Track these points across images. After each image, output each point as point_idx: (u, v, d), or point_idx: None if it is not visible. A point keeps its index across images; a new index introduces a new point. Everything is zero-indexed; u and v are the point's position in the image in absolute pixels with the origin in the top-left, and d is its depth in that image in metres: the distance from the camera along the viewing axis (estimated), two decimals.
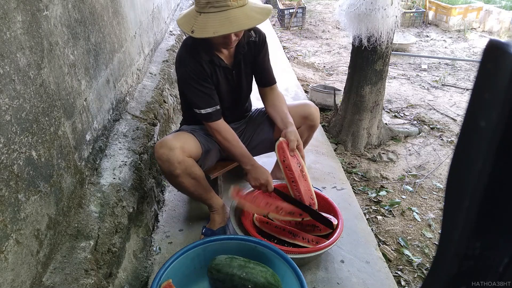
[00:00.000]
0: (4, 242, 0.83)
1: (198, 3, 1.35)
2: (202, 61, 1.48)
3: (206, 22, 1.32)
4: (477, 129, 0.30)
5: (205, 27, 1.32)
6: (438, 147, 2.81)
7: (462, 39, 5.67)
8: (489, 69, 0.29)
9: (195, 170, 1.51)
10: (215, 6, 1.31)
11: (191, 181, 1.51)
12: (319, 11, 7.39)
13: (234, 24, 1.31)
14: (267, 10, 1.42)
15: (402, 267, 1.75)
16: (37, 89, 1.00)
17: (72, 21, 1.27)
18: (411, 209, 2.14)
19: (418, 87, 4.02)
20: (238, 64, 1.59)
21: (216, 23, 1.31)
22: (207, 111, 1.51)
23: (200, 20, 1.34)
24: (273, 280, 1.27)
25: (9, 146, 0.86)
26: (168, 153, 1.43)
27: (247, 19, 1.33)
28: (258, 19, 1.36)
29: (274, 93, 1.71)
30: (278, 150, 1.54)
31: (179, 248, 1.39)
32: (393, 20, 2.31)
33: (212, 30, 1.31)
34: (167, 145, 1.44)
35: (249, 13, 1.35)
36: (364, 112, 2.66)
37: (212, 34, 1.31)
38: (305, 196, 1.54)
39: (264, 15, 1.39)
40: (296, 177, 1.53)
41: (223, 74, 1.57)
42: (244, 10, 1.34)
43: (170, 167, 1.45)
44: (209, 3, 1.31)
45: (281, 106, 1.66)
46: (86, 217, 1.20)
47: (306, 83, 3.89)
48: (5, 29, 0.86)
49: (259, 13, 1.38)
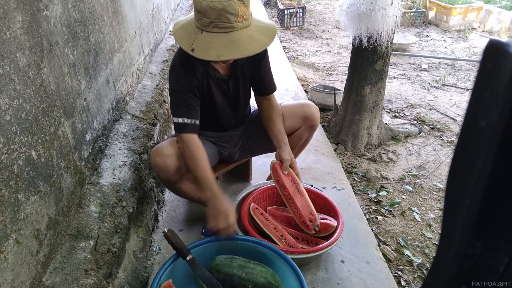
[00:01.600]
0: (4, 242, 0.83)
1: (200, 21, 1.25)
2: (196, 72, 1.42)
3: (209, 43, 1.24)
4: (477, 129, 0.30)
5: (207, 48, 1.24)
6: (438, 147, 2.81)
7: (462, 39, 5.66)
8: (489, 69, 0.29)
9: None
10: (219, 27, 1.23)
11: (189, 186, 1.50)
12: (319, 11, 7.38)
13: (239, 48, 1.24)
14: (272, 30, 1.34)
15: (402, 267, 1.75)
16: (37, 89, 1.00)
17: (72, 21, 1.27)
18: (411, 209, 2.14)
19: (418, 87, 4.02)
20: (236, 74, 1.53)
21: (219, 46, 1.23)
22: (184, 120, 1.41)
23: (201, 39, 1.25)
24: (273, 280, 1.26)
25: (9, 146, 0.86)
26: (164, 161, 1.40)
27: (252, 42, 1.26)
28: (263, 42, 1.29)
29: (271, 105, 1.65)
30: (272, 171, 1.60)
31: None
32: (393, 20, 2.31)
33: (216, 54, 1.23)
34: (163, 152, 1.41)
35: (254, 36, 1.28)
36: (364, 112, 2.66)
37: (215, 58, 1.24)
38: (304, 211, 1.54)
39: (269, 37, 1.31)
40: (291, 193, 1.55)
41: (218, 85, 1.51)
42: (249, 32, 1.27)
43: (167, 175, 1.43)
44: (212, 23, 1.23)
45: (276, 124, 1.62)
46: (86, 217, 1.20)
47: (306, 83, 3.89)
48: (5, 29, 0.86)
49: (264, 34, 1.31)
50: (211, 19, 1.22)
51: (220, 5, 1.19)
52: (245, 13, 1.25)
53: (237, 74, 1.53)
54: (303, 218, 1.53)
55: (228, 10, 1.20)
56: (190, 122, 1.42)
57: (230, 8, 1.20)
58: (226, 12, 1.21)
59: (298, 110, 1.72)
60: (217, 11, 1.20)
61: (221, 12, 1.20)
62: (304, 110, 1.71)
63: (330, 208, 1.67)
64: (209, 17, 1.22)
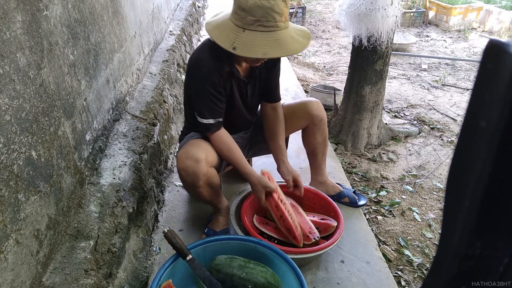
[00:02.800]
0: (4, 242, 0.83)
1: (244, 19, 1.25)
2: (223, 71, 1.42)
3: (253, 41, 1.24)
4: (477, 129, 0.30)
5: (251, 47, 1.24)
6: (438, 147, 2.81)
7: (462, 39, 5.66)
8: (490, 69, 0.29)
9: (215, 180, 1.50)
10: (264, 25, 1.23)
11: (209, 190, 1.50)
12: (319, 11, 7.38)
13: (283, 47, 1.25)
14: (307, 33, 1.36)
15: (402, 267, 1.75)
16: (37, 89, 1.00)
17: (72, 21, 1.27)
18: (411, 209, 2.14)
19: (418, 87, 4.02)
20: (254, 78, 1.54)
21: (264, 44, 1.24)
22: (209, 121, 1.45)
23: (244, 37, 1.25)
24: (273, 280, 1.26)
25: (9, 146, 0.86)
26: (195, 166, 1.40)
27: (295, 43, 1.28)
28: (304, 43, 1.31)
29: (276, 116, 1.65)
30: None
31: None
32: (393, 20, 2.31)
33: (262, 51, 1.24)
34: (193, 157, 1.40)
35: (295, 36, 1.29)
36: (364, 112, 2.66)
37: (261, 55, 1.25)
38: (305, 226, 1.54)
39: (306, 39, 1.33)
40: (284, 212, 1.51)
41: (238, 87, 1.52)
42: (290, 33, 1.29)
43: (194, 179, 1.42)
44: (258, 21, 1.23)
45: (278, 138, 1.63)
46: (86, 217, 1.20)
47: (306, 83, 3.89)
48: (5, 29, 0.86)
49: (302, 36, 1.33)
50: (257, 17, 1.23)
51: (268, 3, 1.21)
52: (287, 14, 1.28)
53: (256, 77, 1.55)
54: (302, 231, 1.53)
55: (274, 9, 1.22)
56: (214, 121, 1.46)
57: (277, 7, 1.22)
58: (273, 11, 1.22)
59: (300, 108, 1.72)
60: (264, 10, 1.21)
61: (268, 10, 1.22)
62: (306, 107, 1.71)
63: (330, 208, 1.67)
64: (255, 16, 1.23)
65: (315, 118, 1.71)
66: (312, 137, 1.77)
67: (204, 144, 1.49)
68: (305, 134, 1.80)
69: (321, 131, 1.76)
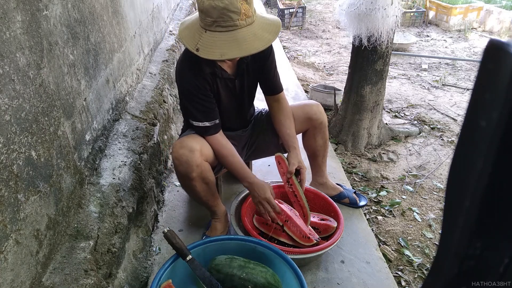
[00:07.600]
0: (4, 242, 0.83)
1: (203, 20, 1.26)
2: (204, 74, 1.42)
3: (213, 42, 1.25)
4: (478, 129, 0.30)
5: (211, 47, 1.25)
6: (438, 147, 2.81)
7: (463, 39, 5.66)
8: (490, 69, 0.29)
9: (209, 175, 1.48)
10: (222, 26, 1.24)
11: (203, 186, 1.48)
12: (319, 10, 7.38)
13: (242, 46, 1.24)
14: (276, 26, 1.33)
15: (402, 267, 1.75)
16: (37, 89, 1.00)
17: (72, 20, 1.27)
18: (412, 209, 2.13)
19: (419, 87, 4.02)
20: (241, 73, 1.53)
21: (223, 44, 1.24)
22: (205, 124, 1.45)
23: (205, 38, 1.26)
24: (273, 280, 1.26)
25: (9, 146, 0.86)
26: (188, 155, 1.39)
27: (256, 40, 1.26)
28: (267, 39, 1.29)
29: (280, 106, 1.64)
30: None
31: None
32: (393, 20, 2.31)
33: (219, 52, 1.24)
34: (188, 146, 1.40)
35: (258, 33, 1.28)
36: (364, 112, 2.66)
37: (219, 57, 1.25)
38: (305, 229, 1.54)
39: (273, 34, 1.31)
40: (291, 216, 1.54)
41: (225, 85, 1.51)
42: (253, 29, 1.27)
43: (187, 169, 1.41)
44: (215, 22, 1.23)
45: (285, 126, 1.62)
46: (86, 217, 1.20)
47: (306, 83, 3.89)
48: (4, 29, 0.86)
49: (268, 31, 1.31)
50: (213, 18, 1.23)
51: (221, 4, 1.20)
52: (247, 11, 1.25)
53: (243, 72, 1.53)
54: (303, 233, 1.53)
55: (230, 9, 1.21)
56: (210, 124, 1.45)
57: (231, 6, 1.21)
58: (228, 10, 1.21)
59: (300, 112, 1.70)
60: (219, 10, 1.21)
61: (223, 11, 1.21)
62: (305, 111, 1.70)
63: (330, 208, 1.67)
64: (212, 16, 1.23)
65: (315, 122, 1.70)
66: (313, 140, 1.76)
67: (201, 138, 1.49)
68: (305, 137, 1.78)
69: (321, 134, 1.75)
